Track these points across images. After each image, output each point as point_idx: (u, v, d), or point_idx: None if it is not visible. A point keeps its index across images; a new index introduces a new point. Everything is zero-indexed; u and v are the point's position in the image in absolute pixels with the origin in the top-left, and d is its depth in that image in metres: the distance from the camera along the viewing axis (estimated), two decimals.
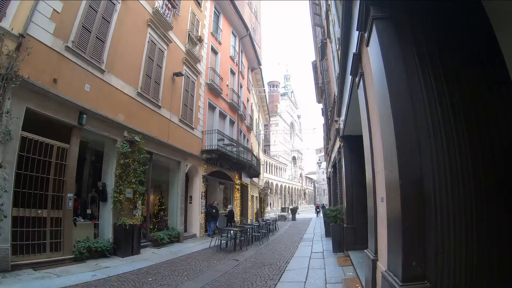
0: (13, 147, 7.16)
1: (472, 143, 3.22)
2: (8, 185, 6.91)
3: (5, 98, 6.90)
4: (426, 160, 3.23)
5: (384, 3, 3.74)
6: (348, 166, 10.37)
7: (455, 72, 3.46)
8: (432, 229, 3.11)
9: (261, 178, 39.90)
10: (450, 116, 3.31)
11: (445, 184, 3.14)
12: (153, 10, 13.88)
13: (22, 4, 7.71)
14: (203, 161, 18.59)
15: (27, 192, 7.66)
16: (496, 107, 3.35)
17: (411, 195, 3.19)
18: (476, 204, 3.08)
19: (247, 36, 28.70)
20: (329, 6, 9.61)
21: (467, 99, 3.36)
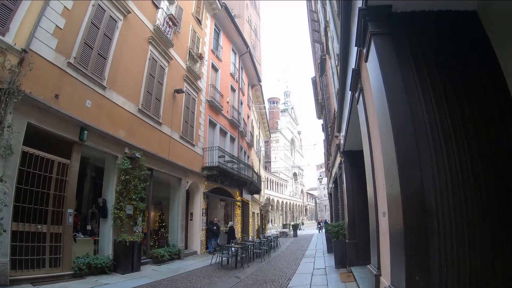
0: (14, 162, 7.16)
1: (473, 156, 3.22)
2: (8, 199, 6.89)
3: (6, 113, 6.93)
4: (427, 173, 3.22)
5: (382, 19, 3.79)
6: (349, 181, 10.35)
7: (454, 86, 3.48)
8: (435, 242, 3.09)
9: (262, 194, 39.70)
10: (450, 128, 3.32)
11: (447, 196, 3.13)
12: (154, 27, 14.06)
13: (25, 19, 7.81)
14: (203, 178, 18.55)
15: (27, 207, 7.63)
16: (496, 120, 3.36)
17: (413, 209, 3.17)
18: (478, 215, 3.06)
19: (247, 53, 28.95)
20: (328, 22, 9.73)
21: (466, 112, 3.38)
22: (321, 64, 16.79)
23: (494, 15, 3.53)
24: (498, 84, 3.47)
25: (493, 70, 3.52)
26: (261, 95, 38.14)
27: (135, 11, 12.81)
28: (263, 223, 39.99)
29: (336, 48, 8.06)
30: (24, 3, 7.84)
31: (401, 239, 3.25)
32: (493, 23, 3.57)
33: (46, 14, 8.37)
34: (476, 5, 3.62)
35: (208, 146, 19.55)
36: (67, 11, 9.15)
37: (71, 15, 9.29)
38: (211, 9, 22.39)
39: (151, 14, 14.18)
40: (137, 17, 13.05)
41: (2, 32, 7.23)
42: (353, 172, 10.22)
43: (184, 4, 17.96)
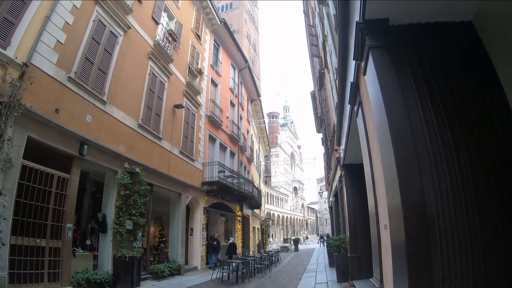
0: (14, 175, 7.14)
1: (473, 165, 3.21)
2: (7, 212, 6.85)
3: (7, 126, 6.94)
4: (427, 184, 3.21)
5: (379, 32, 3.82)
6: (350, 194, 10.32)
7: (453, 97, 3.49)
8: (437, 254, 3.06)
9: (262, 209, 39.54)
10: (450, 139, 3.32)
11: (448, 207, 3.12)
12: (154, 43, 14.20)
13: (27, 33, 7.90)
14: (204, 193, 18.49)
15: (26, 221, 7.57)
16: (496, 129, 3.37)
17: (414, 221, 3.16)
18: (480, 225, 3.04)
19: (246, 68, 29.16)
20: (326, 37, 9.81)
21: (466, 122, 3.39)
22: (319, 78, 16.88)
23: (490, 25, 3.56)
24: (496, 93, 3.49)
25: (491, 79, 3.54)
26: (260, 109, 38.28)
27: (135, 27, 12.97)
28: (264, 238, 39.74)
29: (334, 62, 8.12)
30: (26, 17, 7.95)
31: (403, 251, 3.23)
32: (489, 33, 3.60)
33: (47, 28, 8.48)
34: (471, 16, 3.65)
35: (208, 161, 19.56)
36: (68, 26, 9.27)
37: (72, 30, 9.41)
38: (210, 25, 22.63)
39: (151, 30, 14.34)
40: (137, 33, 13.20)
41: (4, 45, 7.30)
42: (353, 185, 10.20)
43: (184, 20, 18.19)
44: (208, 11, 21.77)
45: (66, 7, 9.27)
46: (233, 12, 74.14)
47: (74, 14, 9.53)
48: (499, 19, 3.46)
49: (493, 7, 3.39)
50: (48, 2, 8.63)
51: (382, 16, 3.71)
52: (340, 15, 5.06)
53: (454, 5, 3.54)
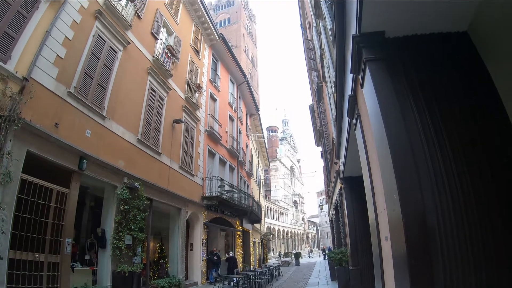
0: (13, 189, 7.10)
1: (473, 175, 3.22)
2: (6, 226, 6.79)
3: (6, 140, 6.93)
4: (427, 195, 3.21)
5: (375, 45, 3.86)
6: (350, 207, 10.30)
7: (450, 106, 3.51)
8: (439, 265, 3.04)
9: (262, 223, 39.36)
10: (449, 149, 3.32)
11: (449, 217, 3.11)
12: (153, 58, 14.30)
13: (27, 48, 7.97)
14: (203, 207, 18.41)
15: (24, 235, 7.49)
16: (495, 137, 3.37)
17: (415, 232, 3.14)
18: (481, 234, 3.03)
19: (244, 83, 29.30)
20: (323, 50, 9.89)
21: (464, 132, 3.39)
22: (318, 92, 16.96)
23: (484, 34, 3.60)
24: (493, 101, 3.50)
25: (487, 87, 3.56)
26: (259, 124, 38.38)
27: (134, 42, 13.08)
28: (265, 252, 39.48)
29: (332, 75, 8.17)
30: (26, 32, 8.03)
31: (405, 263, 3.21)
32: (483, 43, 3.64)
33: (47, 43, 8.55)
34: (466, 26, 3.69)
35: (207, 176, 19.53)
36: (68, 41, 9.34)
37: (72, 45, 9.48)
38: (209, 40, 22.82)
39: (150, 45, 14.47)
40: (137, 48, 13.31)
41: (4, 59, 7.35)
42: (353, 198, 10.19)
43: (183, 35, 18.36)
44: (206, 26, 21.98)
45: (66, 22, 9.36)
46: (231, 27, 74.90)
47: (74, 29, 9.63)
48: (494, 28, 3.50)
49: (487, 17, 3.43)
50: (48, 17, 8.74)
51: (378, 29, 3.74)
52: (336, 28, 5.11)
53: (449, 16, 3.58)
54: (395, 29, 3.75)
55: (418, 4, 3.39)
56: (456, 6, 3.45)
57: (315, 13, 9.55)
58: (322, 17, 8.32)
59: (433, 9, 3.48)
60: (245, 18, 78.60)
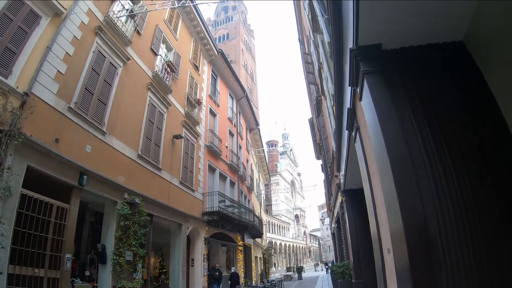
0: (13, 204, 7.07)
1: (473, 184, 3.21)
2: (6, 241, 6.74)
3: (7, 154, 6.93)
4: (428, 206, 3.20)
5: (373, 57, 3.89)
6: (352, 220, 10.26)
7: (449, 116, 3.52)
8: (442, 276, 3.01)
9: (264, 238, 39.10)
10: (448, 159, 3.33)
11: (451, 227, 3.09)
12: (153, 74, 14.40)
13: (28, 63, 8.05)
14: (204, 223, 18.32)
15: (24, 250, 7.43)
16: (494, 145, 3.37)
17: (417, 243, 3.13)
18: (484, 244, 3.01)
19: (244, 98, 29.43)
20: (321, 64, 9.95)
21: (463, 140, 3.40)
22: (317, 105, 17.03)
23: (480, 43, 3.63)
24: (491, 109, 3.52)
25: (485, 96, 3.58)
26: (259, 138, 38.44)
27: (134, 58, 13.19)
28: (267, 267, 39.15)
29: (330, 89, 8.20)
30: (27, 47, 8.13)
31: (408, 274, 3.19)
32: (479, 51, 3.67)
33: (48, 59, 8.63)
34: (462, 35, 3.73)
35: (208, 191, 19.47)
36: (69, 57, 9.43)
37: (72, 60, 9.57)
38: (208, 55, 23.00)
39: (150, 61, 14.58)
40: (137, 64, 13.41)
41: (5, 74, 7.41)
42: (355, 211, 10.16)
43: (182, 51, 18.52)
44: (205, 42, 22.17)
45: (67, 38, 9.47)
46: (230, 42, 75.55)
47: (74, 45, 9.73)
48: (489, 37, 3.53)
49: (482, 26, 3.47)
50: (49, 32, 8.85)
51: (375, 42, 3.78)
52: (334, 42, 5.15)
53: (444, 27, 3.62)
54: (392, 41, 3.79)
55: (412, 17, 3.44)
56: (450, 17, 3.49)
57: (313, 27, 9.64)
58: (319, 31, 8.39)
59: (427, 21, 3.53)
60: (243, 33, 79.34)
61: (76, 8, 9.95)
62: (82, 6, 10.28)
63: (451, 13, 3.44)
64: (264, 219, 43.32)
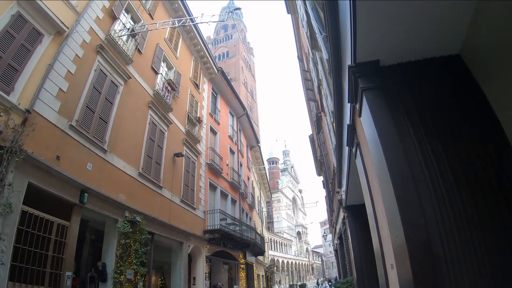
0: (13, 220, 7.03)
1: (475, 197, 3.20)
2: (5, 257, 6.68)
3: (8, 171, 6.93)
4: (430, 220, 3.19)
5: (371, 74, 3.93)
6: (354, 236, 10.21)
7: (448, 130, 3.53)
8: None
9: (266, 256, 38.79)
10: (449, 173, 3.32)
11: (453, 240, 3.07)
12: (153, 92, 14.50)
13: (30, 80, 8.14)
14: (205, 241, 18.18)
15: (24, 267, 7.33)
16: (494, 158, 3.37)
17: (420, 258, 3.11)
18: (488, 257, 2.99)
19: (244, 115, 29.54)
20: (320, 81, 10.02)
21: (463, 153, 3.40)
22: (317, 122, 17.09)
23: (476, 56, 3.66)
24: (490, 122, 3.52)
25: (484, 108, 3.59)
26: (260, 156, 38.47)
27: (135, 76, 13.31)
28: (269, 285, 38.72)
29: (330, 105, 8.25)
30: (30, 64, 8.24)
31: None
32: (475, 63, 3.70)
33: (50, 76, 8.73)
34: (458, 49, 3.77)
35: (209, 209, 19.41)
36: (70, 75, 9.53)
37: (74, 79, 9.67)
38: (208, 74, 23.19)
39: (151, 79, 14.70)
40: (137, 82, 13.53)
41: (7, 91, 7.48)
42: (357, 226, 10.11)
43: (182, 69, 18.69)
44: (205, 61, 22.39)
45: (69, 56, 9.59)
46: (230, 60, 76.22)
47: (76, 63, 9.85)
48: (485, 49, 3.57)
49: (477, 39, 3.51)
50: (51, 50, 8.99)
51: (373, 58, 3.83)
52: (332, 59, 5.20)
53: (439, 41, 3.67)
54: (389, 57, 3.83)
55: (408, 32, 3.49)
56: (446, 31, 3.54)
57: (311, 45, 9.74)
58: (318, 48, 8.48)
59: (423, 36, 3.58)
60: (243, 51, 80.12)
61: (78, 27, 10.11)
62: (84, 24, 10.45)
63: (447, 27, 3.49)
64: (266, 236, 43.05)
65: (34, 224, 7.79)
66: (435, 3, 3.18)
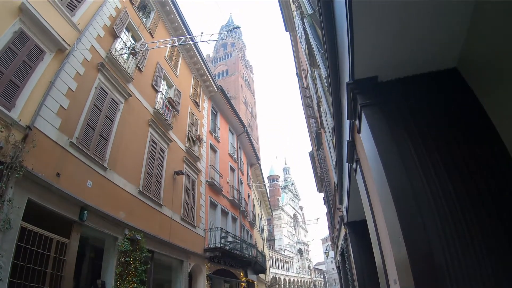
0: (12, 236, 6.99)
1: (476, 209, 3.19)
2: (4, 274, 6.62)
3: (8, 187, 6.93)
4: (432, 233, 3.17)
5: (369, 90, 3.96)
6: (356, 252, 10.13)
7: (447, 143, 3.53)
8: None
9: (267, 273, 38.38)
10: (449, 185, 3.32)
11: (456, 254, 3.05)
12: (154, 110, 14.59)
13: (31, 97, 8.22)
14: (206, 259, 18.04)
15: (22, 284, 7.26)
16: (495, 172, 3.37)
17: (423, 272, 3.08)
18: (492, 270, 2.97)
19: (244, 133, 29.65)
20: (319, 98, 10.08)
21: (464, 169, 3.40)
22: (317, 139, 17.11)
23: (472, 68, 3.70)
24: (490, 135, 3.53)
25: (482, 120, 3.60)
26: (260, 173, 38.45)
27: (135, 94, 13.42)
28: None
29: (329, 122, 8.27)
30: (31, 81, 8.34)
31: None
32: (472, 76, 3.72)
33: (51, 93, 8.83)
34: (455, 62, 3.80)
35: (209, 227, 19.34)
36: (71, 92, 9.64)
37: (75, 96, 9.77)
38: (208, 92, 23.35)
39: (151, 97, 14.82)
40: (138, 100, 13.64)
41: (8, 107, 7.54)
42: (359, 243, 10.04)
43: (182, 87, 18.85)
44: (205, 79, 22.57)
45: (70, 74, 9.71)
46: (229, 78, 76.74)
47: (77, 80, 9.96)
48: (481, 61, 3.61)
49: (473, 51, 3.55)
50: (53, 68, 9.11)
51: (371, 75, 3.86)
52: (331, 76, 5.23)
53: (437, 55, 3.70)
54: (387, 73, 3.86)
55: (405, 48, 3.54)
56: (442, 44, 3.57)
57: (310, 62, 9.83)
58: (316, 65, 8.56)
59: (420, 50, 3.62)
60: (242, 69, 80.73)
61: (80, 45, 10.27)
62: (85, 42, 10.62)
63: (442, 41, 3.53)
64: (267, 254, 42.68)
65: (33, 240, 7.74)
66: (430, 20, 3.23)
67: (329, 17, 4.34)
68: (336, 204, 13.72)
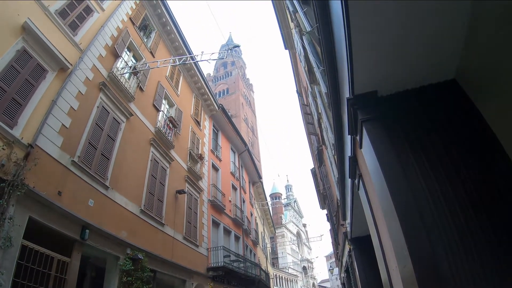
0: (13, 255, 6.94)
1: (481, 219, 3.16)
2: None
3: (9, 204, 6.92)
4: (438, 246, 3.13)
5: (369, 105, 3.97)
6: (361, 268, 10.01)
7: (449, 155, 3.52)
8: None
9: None
10: (454, 200, 3.30)
11: (463, 267, 3.02)
12: (155, 129, 14.65)
13: (33, 115, 8.28)
14: (209, 278, 17.85)
15: None
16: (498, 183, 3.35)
17: (429, 286, 3.06)
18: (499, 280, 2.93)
19: (245, 152, 29.70)
20: (320, 114, 10.11)
21: (468, 181, 3.38)
22: (318, 155, 17.11)
23: (471, 79, 3.71)
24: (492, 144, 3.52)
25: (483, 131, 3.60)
26: (262, 191, 38.34)
27: (137, 114, 13.50)
28: None
29: (330, 138, 8.27)
30: (33, 99, 8.41)
31: None
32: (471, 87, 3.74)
33: (53, 112, 8.90)
34: (453, 74, 3.81)
35: (212, 246, 19.20)
36: (73, 111, 9.71)
37: (77, 115, 9.84)
38: (209, 110, 23.47)
39: (152, 117, 14.89)
40: (139, 119, 13.71)
41: (11, 125, 7.59)
42: (363, 259, 9.93)
43: (183, 107, 18.97)
44: (206, 98, 22.72)
45: (72, 93, 9.81)
46: (230, 97, 77.23)
47: (79, 99, 10.05)
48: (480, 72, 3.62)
49: (471, 62, 3.57)
50: (55, 86, 9.20)
51: (371, 89, 3.87)
52: (331, 92, 5.26)
53: (435, 68, 3.72)
54: (387, 87, 3.87)
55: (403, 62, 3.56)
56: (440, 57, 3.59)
57: (310, 79, 9.89)
58: (316, 82, 8.61)
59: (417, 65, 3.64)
60: (243, 87, 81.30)
61: (82, 64, 10.39)
62: (87, 62, 10.75)
63: (440, 53, 3.55)
64: (271, 272, 42.20)
65: (34, 259, 7.68)
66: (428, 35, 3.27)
67: (327, 33, 4.38)
68: (339, 220, 13.63)
